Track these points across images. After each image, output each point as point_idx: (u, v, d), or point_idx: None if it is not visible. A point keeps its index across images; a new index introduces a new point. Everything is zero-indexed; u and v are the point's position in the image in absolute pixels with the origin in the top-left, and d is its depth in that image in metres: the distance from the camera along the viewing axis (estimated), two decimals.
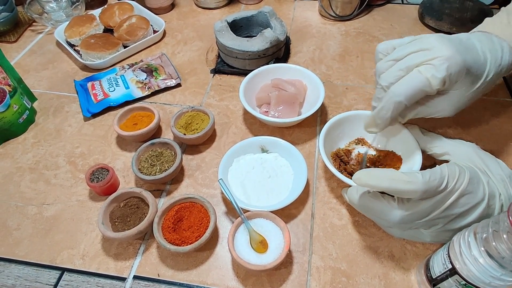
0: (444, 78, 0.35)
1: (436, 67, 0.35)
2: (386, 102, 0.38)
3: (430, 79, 0.35)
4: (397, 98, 0.37)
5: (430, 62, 0.35)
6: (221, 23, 0.64)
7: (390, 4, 0.83)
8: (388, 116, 0.39)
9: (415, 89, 0.36)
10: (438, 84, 0.35)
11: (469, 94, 0.39)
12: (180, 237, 0.41)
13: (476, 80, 0.38)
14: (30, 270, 0.42)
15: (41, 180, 0.51)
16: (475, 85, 0.38)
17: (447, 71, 0.35)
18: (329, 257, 0.42)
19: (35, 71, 0.68)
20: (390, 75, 0.38)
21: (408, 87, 0.36)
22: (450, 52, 0.35)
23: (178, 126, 0.53)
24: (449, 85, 0.37)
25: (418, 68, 0.36)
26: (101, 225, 0.41)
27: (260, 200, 0.45)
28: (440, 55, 0.35)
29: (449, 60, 0.35)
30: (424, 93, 0.37)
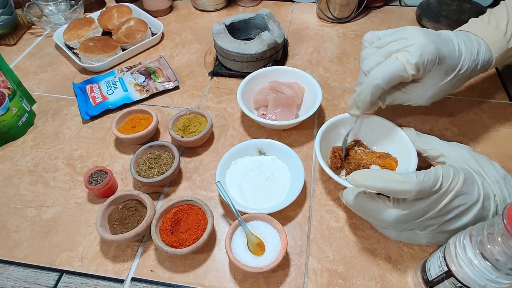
0: (418, 64, 0.38)
1: (410, 53, 0.38)
2: (366, 85, 0.41)
3: (405, 64, 0.38)
4: (376, 81, 0.40)
5: (406, 49, 0.39)
6: (219, 25, 0.64)
7: (387, 6, 0.83)
8: (367, 98, 0.41)
9: (392, 73, 0.39)
10: (412, 69, 0.38)
11: (443, 84, 0.42)
12: (178, 240, 0.41)
13: (450, 71, 0.41)
14: (29, 272, 0.42)
15: (40, 183, 0.51)
16: (448, 76, 0.41)
17: (420, 58, 0.38)
18: (326, 259, 0.42)
19: (34, 74, 0.69)
20: (371, 60, 0.41)
21: (385, 71, 0.39)
22: (424, 41, 0.38)
23: (176, 129, 0.54)
24: (423, 72, 0.39)
25: (396, 54, 0.39)
26: (99, 227, 0.42)
27: (258, 203, 0.45)
28: (415, 43, 0.38)
29: (423, 47, 0.38)
30: (400, 77, 0.39)
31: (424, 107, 0.46)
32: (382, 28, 0.76)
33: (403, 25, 0.75)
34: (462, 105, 0.59)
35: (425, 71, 0.39)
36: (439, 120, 0.57)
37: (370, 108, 0.44)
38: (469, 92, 0.61)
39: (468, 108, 0.59)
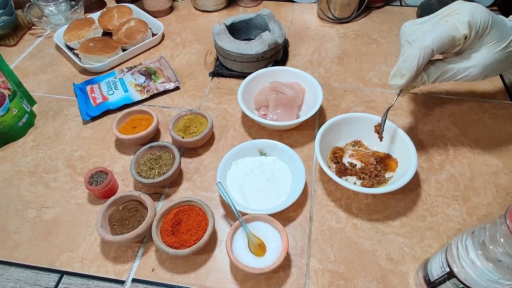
0: (470, 22, 0.36)
1: (461, 14, 0.37)
2: (414, 48, 0.38)
3: (457, 24, 0.37)
4: (425, 43, 0.37)
5: (455, 12, 0.37)
6: (220, 26, 0.64)
7: (388, 6, 0.83)
8: (415, 64, 0.38)
9: (443, 34, 0.37)
10: (465, 28, 0.36)
11: (496, 53, 0.39)
12: (179, 240, 0.41)
13: (504, 38, 0.39)
14: (29, 273, 0.42)
15: (40, 184, 0.51)
16: (502, 43, 0.39)
17: (472, 17, 0.36)
18: (327, 260, 0.42)
19: (34, 74, 0.69)
20: (418, 30, 0.39)
21: (436, 33, 0.37)
22: (473, 5, 0.37)
23: (176, 130, 0.53)
24: (475, 34, 0.37)
25: (445, 18, 0.38)
26: (100, 228, 0.42)
27: (258, 203, 0.45)
28: (464, 7, 0.37)
29: (474, 8, 0.37)
30: (452, 38, 0.37)
31: (423, 107, 0.45)
32: (382, 28, 0.76)
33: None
34: (464, 106, 0.59)
35: (478, 34, 0.37)
36: (441, 121, 0.57)
37: (415, 78, 0.40)
38: (471, 93, 0.61)
39: (469, 108, 0.59)
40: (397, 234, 0.44)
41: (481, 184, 0.48)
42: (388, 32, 0.75)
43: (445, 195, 0.47)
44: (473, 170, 0.50)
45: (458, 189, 0.48)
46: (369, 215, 0.45)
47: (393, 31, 0.75)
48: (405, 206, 0.46)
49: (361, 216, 0.45)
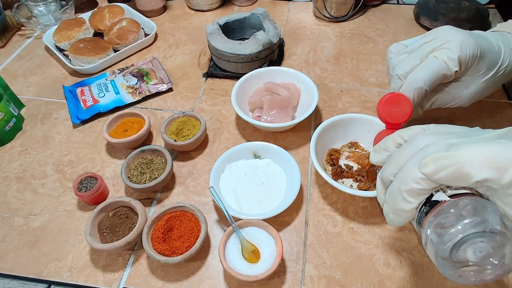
0: (460, 58, 0.36)
1: (450, 50, 0.36)
2: (406, 90, 0.38)
3: (447, 61, 0.36)
4: (418, 84, 0.37)
5: (444, 46, 0.36)
6: (213, 25, 0.63)
7: (385, 5, 0.82)
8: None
9: (434, 73, 0.36)
10: (455, 65, 0.36)
11: (485, 81, 0.39)
12: (170, 248, 0.40)
13: (492, 66, 0.39)
14: (16, 283, 0.41)
15: (28, 190, 0.49)
16: (490, 72, 0.39)
17: (461, 52, 0.35)
18: (323, 265, 0.41)
19: (23, 76, 0.67)
20: (406, 63, 0.38)
21: (426, 72, 0.36)
22: (462, 36, 0.36)
23: (169, 133, 0.52)
24: (465, 68, 0.37)
25: (433, 54, 0.37)
26: (89, 236, 0.40)
27: (253, 208, 0.44)
28: (453, 38, 0.36)
29: (462, 42, 0.36)
30: (443, 76, 0.37)
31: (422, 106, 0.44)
32: (379, 27, 0.75)
33: (401, 24, 0.76)
34: None
35: (467, 67, 0.37)
36: (438, 120, 0.56)
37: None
38: None
39: (467, 107, 0.57)
40: (394, 238, 0.43)
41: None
42: (385, 30, 0.74)
43: None
44: None
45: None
46: (366, 218, 0.44)
47: (390, 30, 0.74)
48: None
49: (358, 220, 0.44)
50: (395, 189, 0.26)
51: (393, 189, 0.26)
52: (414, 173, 0.24)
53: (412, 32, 0.74)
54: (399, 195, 0.26)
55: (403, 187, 0.25)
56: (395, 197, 0.26)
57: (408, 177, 0.25)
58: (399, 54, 0.40)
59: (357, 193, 0.42)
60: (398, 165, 0.27)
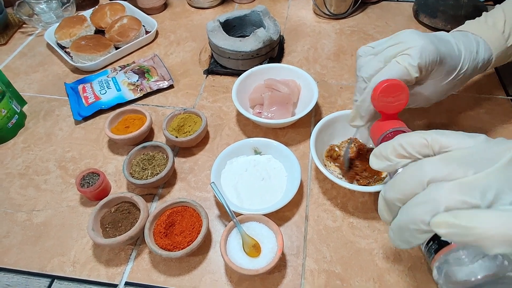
0: (420, 65, 0.37)
1: (411, 56, 0.37)
2: (369, 93, 0.38)
3: (408, 68, 0.37)
4: None
5: (406, 52, 0.37)
6: (214, 23, 0.63)
7: (384, 2, 0.82)
8: (372, 107, 0.39)
9: (395, 78, 0.37)
10: (415, 72, 0.37)
11: (444, 85, 0.41)
12: (172, 242, 0.40)
13: (451, 71, 0.40)
14: (19, 278, 0.41)
15: (31, 186, 0.50)
16: (449, 76, 0.40)
17: (421, 59, 0.37)
18: (323, 260, 0.41)
19: (25, 74, 0.67)
20: (370, 66, 0.39)
21: (388, 76, 0.37)
22: (423, 42, 0.37)
23: (170, 129, 0.53)
24: (425, 73, 0.38)
25: (396, 59, 0.38)
26: (91, 231, 0.41)
27: (253, 203, 0.44)
28: (414, 45, 0.37)
29: (422, 48, 0.37)
30: (404, 81, 0.38)
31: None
32: (379, 24, 0.75)
33: (400, 21, 0.76)
34: (460, 101, 0.58)
35: (427, 72, 0.38)
36: (437, 116, 0.56)
37: (374, 116, 0.41)
38: (467, 88, 0.61)
39: (465, 104, 0.58)
40: None
41: None
42: (384, 27, 0.74)
43: None
44: None
45: None
46: (365, 213, 0.45)
47: (389, 27, 0.75)
48: None
49: (357, 215, 0.45)
50: (403, 225, 0.25)
51: (401, 225, 0.26)
52: (423, 217, 0.23)
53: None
54: (408, 231, 0.25)
55: (412, 226, 0.24)
56: (403, 231, 0.25)
57: (418, 219, 0.24)
58: (366, 55, 0.41)
59: (356, 188, 0.42)
60: (403, 192, 0.26)
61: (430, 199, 0.23)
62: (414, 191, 0.25)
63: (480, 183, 0.22)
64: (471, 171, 0.23)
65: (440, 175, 0.24)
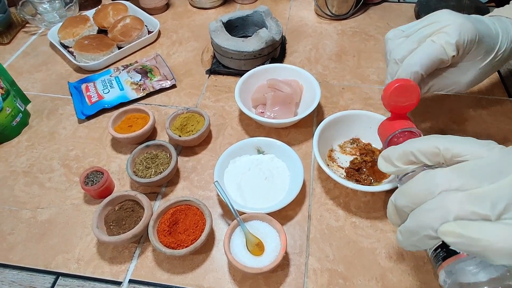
0: (458, 43, 0.35)
1: (448, 34, 0.35)
2: (402, 74, 0.37)
3: (445, 46, 0.35)
4: (414, 68, 0.36)
5: (442, 31, 0.36)
6: (216, 23, 0.64)
7: (386, 3, 0.82)
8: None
9: (431, 57, 0.36)
10: (453, 50, 0.35)
11: (483, 67, 0.39)
12: (176, 240, 0.41)
13: (490, 51, 0.38)
14: (24, 275, 0.41)
15: (35, 184, 0.50)
16: (488, 57, 0.38)
17: (459, 36, 0.35)
18: (326, 259, 0.41)
19: (28, 73, 0.68)
20: (403, 47, 0.38)
21: (423, 56, 0.36)
22: (461, 20, 0.35)
23: (173, 128, 0.53)
24: (462, 53, 0.37)
25: (431, 38, 0.36)
26: (96, 229, 0.41)
27: (256, 202, 0.45)
28: (451, 23, 0.35)
29: (460, 26, 0.35)
30: (440, 61, 0.36)
31: (421, 104, 0.44)
32: (380, 25, 0.76)
33: (401, 22, 0.76)
34: (461, 102, 0.59)
35: (465, 52, 0.37)
36: (439, 117, 0.56)
37: None
38: None
39: (467, 104, 0.58)
40: (396, 232, 0.43)
41: None
42: (386, 28, 0.75)
43: None
44: None
45: None
46: (368, 213, 0.45)
47: (391, 28, 0.74)
48: None
49: (360, 214, 0.45)
50: (412, 230, 0.25)
51: (411, 229, 0.25)
52: (433, 223, 0.23)
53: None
54: (417, 235, 0.25)
55: (421, 232, 0.24)
56: (412, 235, 0.25)
57: (427, 225, 0.24)
58: (397, 38, 0.40)
59: (359, 188, 0.43)
60: (413, 200, 0.25)
61: (440, 207, 0.23)
62: (426, 201, 0.25)
63: (492, 194, 0.22)
64: (484, 183, 0.23)
65: (453, 187, 0.23)
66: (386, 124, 0.38)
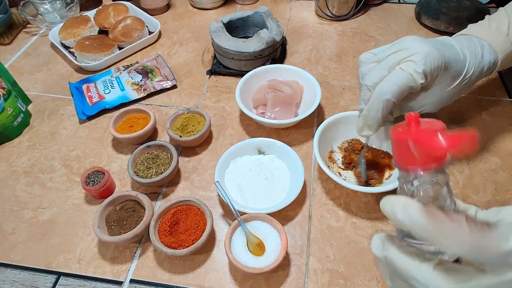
0: (425, 71, 0.37)
1: (416, 63, 0.37)
2: (374, 101, 0.39)
3: (413, 74, 0.37)
4: (385, 96, 0.38)
5: (410, 59, 0.37)
6: (217, 23, 0.64)
7: (386, 4, 0.82)
8: (379, 115, 0.39)
9: (401, 85, 0.37)
10: (421, 78, 0.37)
11: (450, 90, 0.41)
12: (177, 240, 0.41)
13: (457, 76, 0.40)
14: (26, 274, 0.41)
15: (36, 184, 0.50)
16: (455, 81, 0.40)
17: (426, 65, 0.36)
18: (326, 259, 0.41)
19: (29, 73, 0.68)
20: (374, 74, 0.39)
21: (393, 84, 0.37)
22: (427, 48, 0.37)
23: (174, 128, 0.53)
24: (430, 79, 0.38)
25: (400, 66, 0.38)
26: (97, 228, 0.41)
27: (257, 202, 0.45)
28: (418, 51, 0.37)
29: (427, 54, 0.36)
30: (409, 88, 0.38)
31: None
32: (381, 26, 0.76)
33: (402, 23, 0.76)
34: (462, 103, 0.59)
35: (432, 78, 0.38)
36: (439, 118, 0.56)
37: (381, 125, 0.41)
38: None
39: (468, 105, 0.58)
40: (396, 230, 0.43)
41: (480, 182, 0.48)
42: (386, 29, 0.75)
43: None
44: (471, 167, 0.50)
45: (457, 186, 0.48)
46: (368, 213, 0.45)
47: (391, 29, 0.75)
48: None
49: (360, 215, 0.45)
50: None
51: None
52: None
53: (413, 31, 0.75)
54: None
55: None
56: None
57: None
58: (369, 63, 0.41)
59: (359, 188, 0.43)
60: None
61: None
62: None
63: None
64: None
65: None
66: (401, 135, 0.27)
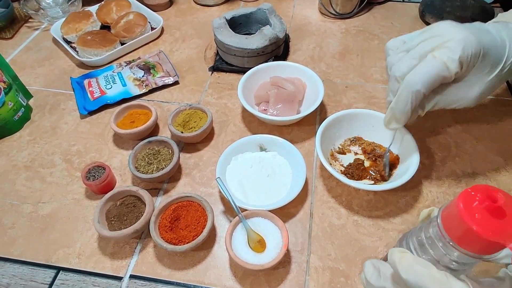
0: (461, 59, 0.33)
1: (450, 49, 0.33)
2: (403, 93, 0.36)
3: (447, 62, 0.33)
4: (414, 87, 0.35)
5: (444, 45, 0.34)
6: (220, 20, 0.63)
7: (390, 2, 0.82)
8: (408, 108, 0.36)
9: (432, 75, 0.34)
10: (455, 67, 0.33)
11: (490, 80, 0.36)
12: (177, 236, 0.40)
13: (496, 64, 0.36)
14: (25, 269, 0.41)
15: (36, 178, 0.50)
16: (495, 70, 0.36)
17: (463, 52, 0.33)
18: (327, 257, 0.41)
19: (31, 68, 0.68)
20: (403, 64, 0.36)
21: (424, 74, 0.34)
22: (463, 34, 0.33)
23: (175, 124, 0.53)
24: (466, 68, 0.35)
25: (432, 53, 0.34)
26: (97, 223, 0.41)
27: (258, 199, 0.45)
28: (454, 37, 0.33)
29: (463, 40, 0.33)
30: (442, 78, 0.34)
31: None
32: (384, 24, 0.75)
33: (406, 21, 0.76)
34: None
35: (469, 67, 0.34)
36: (442, 117, 0.56)
37: (410, 118, 0.38)
38: None
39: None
40: (398, 230, 0.43)
41: (482, 181, 0.48)
42: (390, 28, 0.74)
43: (447, 192, 0.47)
44: (474, 167, 0.49)
45: (459, 186, 0.47)
46: (370, 211, 0.45)
47: (395, 27, 0.75)
48: (406, 202, 0.46)
49: (362, 213, 0.45)
50: None
51: None
52: None
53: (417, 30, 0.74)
54: None
55: None
56: None
57: None
58: (397, 52, 0.38)
59: (361, 186, 0.42)
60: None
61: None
62: None
63: None
64: None
65: None
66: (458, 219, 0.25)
